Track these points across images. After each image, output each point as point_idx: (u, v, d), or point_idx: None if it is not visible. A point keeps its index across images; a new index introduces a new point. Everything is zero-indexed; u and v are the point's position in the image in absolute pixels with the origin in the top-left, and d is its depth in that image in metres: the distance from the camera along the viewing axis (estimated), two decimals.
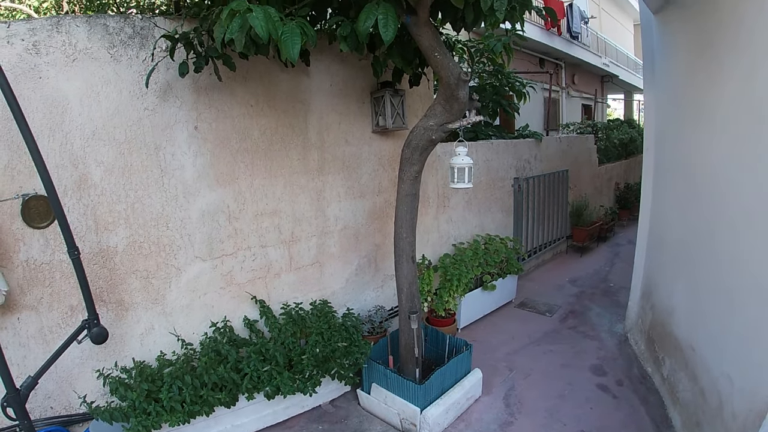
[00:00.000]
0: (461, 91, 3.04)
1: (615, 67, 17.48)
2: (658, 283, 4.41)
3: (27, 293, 2.91)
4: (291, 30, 2.44)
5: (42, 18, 2.93)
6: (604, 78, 18.00)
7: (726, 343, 2.90)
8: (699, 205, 3.48)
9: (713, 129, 3.26)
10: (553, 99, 12.62)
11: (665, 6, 4.30)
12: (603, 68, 16.35)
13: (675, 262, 3.99)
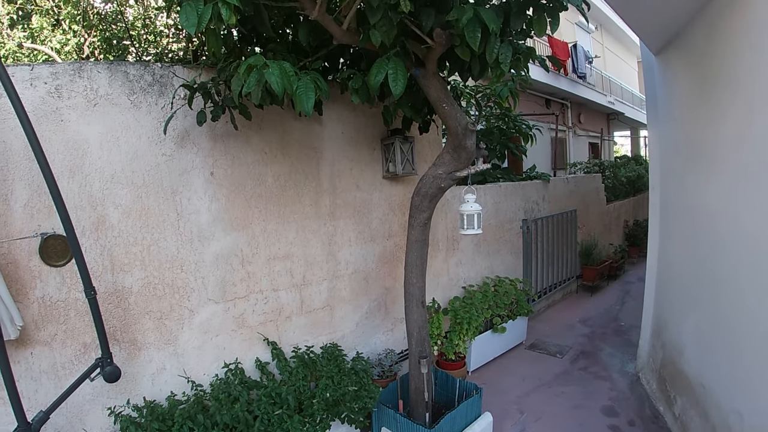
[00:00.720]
0: (469, 141, 3.14)
1: (620, 104, 17.68)
2: (668, 321, 4.41)
3: (41, 329, 2.95)
4: (305, 85, 2.55)
5: (65, 63, 3.04)
6: (610, 116, 18.18)
7: (734, 380, 2.90)
8: (701, 243, 3.53)
9: (713, 169, 3.33)
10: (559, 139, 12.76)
11: (666, 47, 4.42)
12: (608, 106, 16.53)
13: (683, 299, 4.01)
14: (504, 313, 5.54)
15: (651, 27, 4.25)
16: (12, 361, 2.55)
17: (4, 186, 2.79)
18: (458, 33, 2.70)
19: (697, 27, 3.62)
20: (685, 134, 4.03)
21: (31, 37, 4.99)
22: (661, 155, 4.83)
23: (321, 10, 2.76)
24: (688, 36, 3.83)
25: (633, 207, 11.37)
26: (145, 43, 5.47)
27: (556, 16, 3.02)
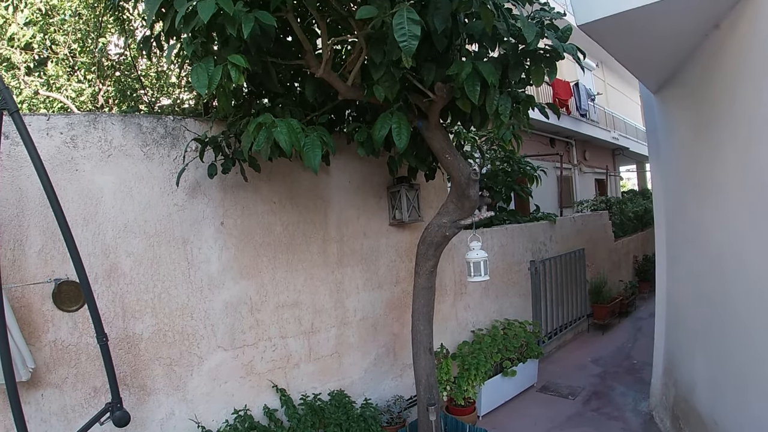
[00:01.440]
0: (472, 190, 3.21)
1: (625, 139, 17.76)
2: (679, 358, 4.37)
3: (52, 372, 2.97)
4: (312, 142, 2.65)
5: (80, 114, 3.18)
6: (615, 151, 18.27)
7: (745, 415, 2.87)
8: (708, 279, 3.54)
9: (716, 204, 3.37)
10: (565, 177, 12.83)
11: (664, 86, 4.52)
12: (613, 142, 16.63)
13: (692, 335, 3.99)
14: (514, 356, 5.50)
15: (647, 69, 4.36)
16: (23, 402, 2.56)
17: (19, 232, 2.86)
18: (458, 86, 2.80)
19: (692, 66, 3.72)
20: (686, 171, 4.09)
21: (47, 84, 5.13)
22: (665, 192, 4.88)
23: (326, 68, 2.88)
24: (684, 75, 3.93)
25: (642, 242, 11.31)
26: (157, 92, 5.64)
27: (553, 66, 3.13)
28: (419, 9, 2.65)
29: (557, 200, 11.56)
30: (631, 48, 3.88)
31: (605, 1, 3.17)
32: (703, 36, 3.40)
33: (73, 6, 4.95)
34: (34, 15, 5.05)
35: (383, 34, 2.69)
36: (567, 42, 3.19)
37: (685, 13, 3.08)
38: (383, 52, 2.78)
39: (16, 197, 2.85)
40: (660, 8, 2.95)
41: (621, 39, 3.64)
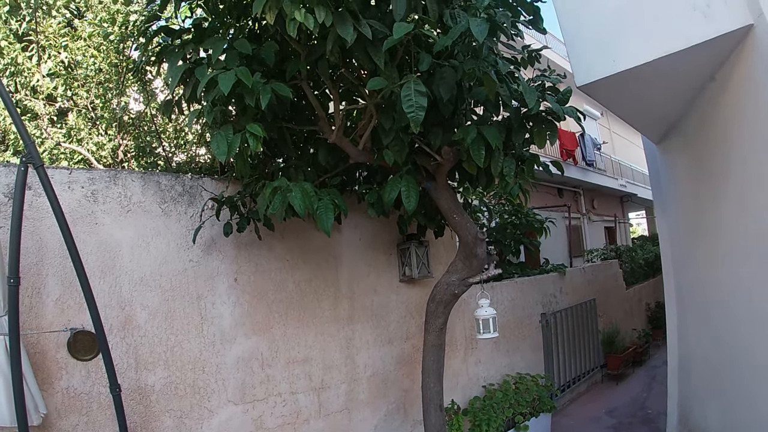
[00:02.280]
0: (479, 249, 3.28)
1: (632, 186, 17.83)
2: (693, 406, 4.31)
3: (63, 418, 2.95)
4: (325, 205, 2.76)
5: (101, 169, 3.30)
6: (623, 198, 18.33)
7: None
8: (717, 325, 3.56)
9: (720, 250, 3.43)
10: (574, 226, 12.87)
11: (665, 137, 4.63)
12: (621, 189, 16.72)
13: (705, 382, 3.96)
14: (526, 411, 5.41)
15: (648, 122, 4.50)
16: None
17: (38, 280, 2.92)
18: (464, 150, 2.92)
19: (691, 117, 3.84)
20: (690, 218, 4.16)
21: (68, 135, 5.30)
22: (671, 240, 4.93)
23: (338, 134, 3.03)
24: (684, 126, 4.05)
25: (654, 289, 11.21)
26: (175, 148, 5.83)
27: (554, 129, 3.25)
28: (425, 77, 2.82)
29: (567, 250, 11.57)
30: (630, 104, 4.03)
31: (602, 63, 3.33)
32: (699, 88, 3.54)
33: (96, 62, 5.18)
34: (57, 67, 5.30)
35: (392, 102, 2.84)
36: (567, 103, 3.33)
37: (681, 68, 3.22)
38: (392, 118, 2.93)
39: (36, 246, 2.93)
40: (655, 66, 3.11)
41: (620, 97, 3.79)
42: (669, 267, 5.00)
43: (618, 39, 3.27)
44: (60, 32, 5.32)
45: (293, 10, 2.39)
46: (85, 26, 5.25)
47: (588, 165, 13.56)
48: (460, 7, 3.00)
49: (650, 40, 3.08)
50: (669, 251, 4.99)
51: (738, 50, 2.95)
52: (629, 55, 3.18)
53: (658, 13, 3.09)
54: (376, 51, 2.62)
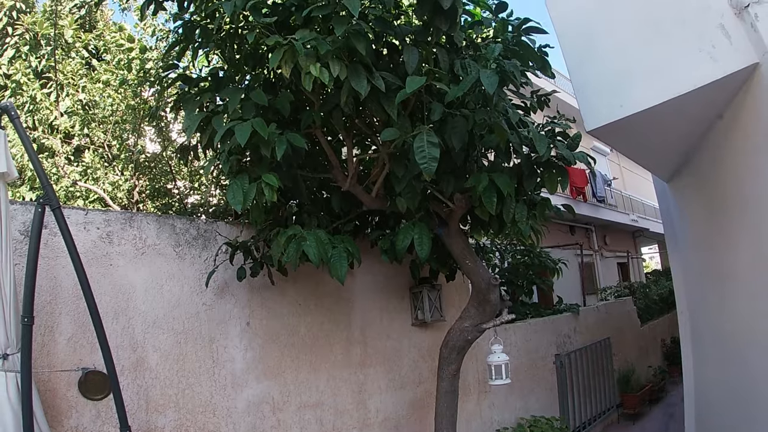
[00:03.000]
0: (492, 295, 3.27)
1: (644, 220, 17.71)
2: None
3: None
4: (339, 253, 2.78)
5: (117, 211, 3.35)
6: (636, 233, 18.18)
7: None
8: (732, 365, 3.49)
9: (733, 289, 3.36)
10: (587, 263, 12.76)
11: (675, 176, 4.62)
12: (632, 224, 16.61)
13: (722, 423, 3.83)
14: None
15: (657, 162, 4.51)
16: None
17: (51, 319, 2.92)
18: (476, 197, 2.95)
19: (700, 156, 3.84)
20: (703, 256, 4.13)
21: (84, 174, 5.39)
22: (684, 278, 4.87)
23: (352, 182, 3.07)
24: (693, 164, 4.05)
25: (668, 324, 10.99)
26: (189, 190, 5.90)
27: (565, 175, 3.28)
28: (437, 126, 2.87)
29: (580, 288, 11.44)
30: (639, 145, 4.05)
31: (610, 108, 3.38)
32: (707, 127, 3.55)
33: (114, 104, 5.32)
34: (75, 106, 5.43)
35: (405, 150, 2.88)
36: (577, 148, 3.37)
37: (688, 109, 3.24)
38: (405, 166, 2.97)
39: (51, 285, 2.94)
40: (662, 109, 3.13)
41: (629, 139, 3.82)
42: (683, 306, 4.93)
43: (625, 83, 3.32)
44: (78, 72, 5.49)
45: (308, 65, 2.47)
46: (102, 71, 5.41)
47: (599, 201, 13.53)
48: (470, 56, 3.08)
49: (657, 84, 3.12)
50: (682, 289, 4.93)
51: (745, 88, 2.97)
52: (637, 99, 3.22)
53: (664, 57, 3.13)
54: (389, 102, 2.68)
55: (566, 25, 3.74)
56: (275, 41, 2.51)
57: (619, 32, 3.47)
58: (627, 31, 3.41)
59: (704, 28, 2.96)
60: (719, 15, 2.90)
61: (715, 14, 2.92)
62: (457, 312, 3.87)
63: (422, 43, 2.98)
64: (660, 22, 3.19)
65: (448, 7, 2.69)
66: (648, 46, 3.25)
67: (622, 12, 3.45)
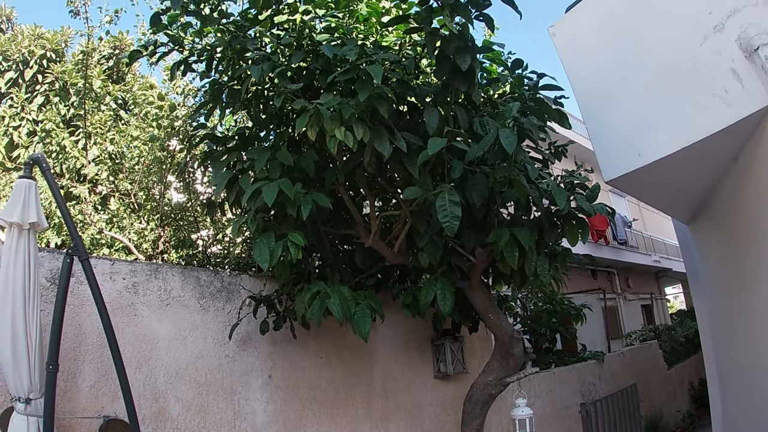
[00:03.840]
0: (516, 348, 3.25)
1: (666, 260, 17.35)
2: None
3: None
4: (362, 310, 2.81)
5: (143, 263, 3.42)
6: (658, 274, 17.83)
7: None
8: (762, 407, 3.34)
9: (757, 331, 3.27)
10: (610, 307, 12.51)
11: (694, 219, 4.58)
12: (655, 265, 16.32)
13: None
14: None
15: (676, 207, 4.50)
16: None
17: (74, 366, 2.94)
18: (498, 251, 2.97)
19: (718, 198, 3.83)
20: (726, 297, 4.07)
21: (110, 222, 5.50)
22: (709, 320, 4.79)
23: (375, 238, 3.13)
24: (711, 207, 4.03)
25: (696, 365, 10.61)
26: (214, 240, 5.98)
27: (585, 226, 3.30)
28: (458, 182, 2.92)
29: (604, 333, 11.21)
30: (657, 191, 4.06)
31: (627, 158, 3.42)
32: (723, 171, 3.55)
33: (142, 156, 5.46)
34: (102, 155, 5.59)
35: (427, 207, 2.93)
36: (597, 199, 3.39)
37: (704, 154, 3.24)
38: (427, 222, 3.02)
39: (75, 332, 2.98)
40: (679, 156, 3.15)
41: (647, 186, 3.84)
42: (709, 348, 4.82)
43: (641, 133, 3.36)
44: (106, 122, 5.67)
45: (333, 129, 2.56)
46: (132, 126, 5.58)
47: (620, 244, 13.38)
48: (488, 114, 3.16)
49: (673, 132, 3.16)
50: (707, 331, 4.83)
51: (759, 130, 2.97)
52: (653, 147, 3.26)
53: (678, 104, 3.18)
54: (411, 162, 2.75)
55: (580, 78, 3.83)
56: (302, 105, 2.61)
57: (632, 83, 3.53)
58: (640, 82, 3.46)
59: (716, 73, 2.99)
60: (730, 59, 2.94)
61: (726, 59, 2.95)
62: (480, 363, 3.84)
63: (441, 103, 3.07)
64: (672, 70, 3.24)
65: (467, 69, 2.79)
66: (662, 94, 3.31)
67: (635, 63, 3.52)
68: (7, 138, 6.09)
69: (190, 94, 5.63)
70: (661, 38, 3.37)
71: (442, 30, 2.85)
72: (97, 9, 6.75)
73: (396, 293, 3.61)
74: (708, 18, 3.05)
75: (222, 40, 3.32)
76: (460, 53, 2.81)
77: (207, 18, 3.16)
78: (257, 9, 3.32)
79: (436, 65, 2.99)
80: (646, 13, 3.45)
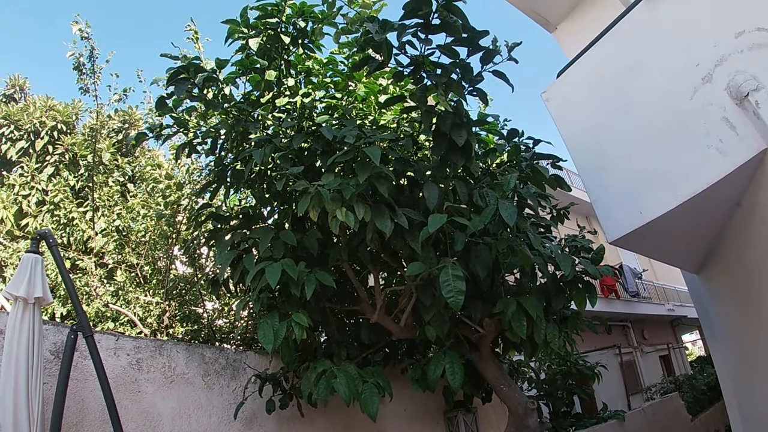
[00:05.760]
0: (530, 419, 3.16)
1: (680, 308, 17.02)
2: None
3: None
4: (370, 389, 2.76)
5: (147, 339, 3.35)
6: (674, 322, 17.46)
7: None
8: None
9: None
10: (627, 362, 12.20)
11: (702, 268, 4.50)
12: (669, 314, 16.01)
13: None
14: None
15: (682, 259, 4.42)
16: None
17: None
18: (506, 320, 2.94)
19: (725, 245, 3.76)
20: (741, 344, 3.96)
21: (116, 294, 5.47)
22: (727, 367, 4.62)
23: (380, 314, 3.11)
24: (720, 253, 3.96)
25: (720, 413, 10.18)
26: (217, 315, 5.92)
27: (592, 290, 3.27)
28: (461, 254, 2.93)
29: (623, 389, 10.87)
30: (662, 247, 4.01)
31: (629, 217, 3.40)
32: (728, 216, 3.50)
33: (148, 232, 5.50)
34: (109, 227, 5.63)
35: (431, 280, 2.92)
36: (602, 261, 3.38)
37: (706, 204, 3.19)
38: (432, 295, 3.00)
39: (78, 407, 2.90)
40: (681, 210, 3.11)
41: (651, 243, 3.80)
42: (731, 396, 4.63)
43: (641, 190, 3.35)
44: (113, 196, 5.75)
45: (335, 209, 2.59)
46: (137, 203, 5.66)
47: (632, 296, 13.18)
48: (488, 184, 3.20)
49: (672, 187, 3.13)
50: (727, 378, 4.66)
51: (759, 173, 2.95)
52: (654, 204, 3.23)
53: (675, 159, 3.17)
54: (413, 237, 2.77)
55: (576, 141, 3.86)
56: (303, 187, 2.65)
57: (627, 141, 3.54)
58: (635, 139, 3.47)
59: (709, 124, 3.00)
60: (722, 109, 2.94)
61: (718, 108, 2.96)
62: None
63: (440, 177, 3.12)
64: (665, 124, 3.26)
65: (463, 144, 2.85)
66: (657, 150, 3.31)
67: (628, 121, 3.53)
68: (17, 206, 6.15)
69: (195, 173, 5.73)
70: (652, 94, 3.39)
71: (437, 107, 2.93)
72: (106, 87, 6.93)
73: (404, 367, 3.54)
74: (696, 70, 3.08)
75: (225, 123, 3.42)
76: (455, 129, 2.87)
77: (210, 102, 3.28)
78: (259, 91, 3.44)
79: (433, 142, 3.06)
80: (635, 71, 3.50)
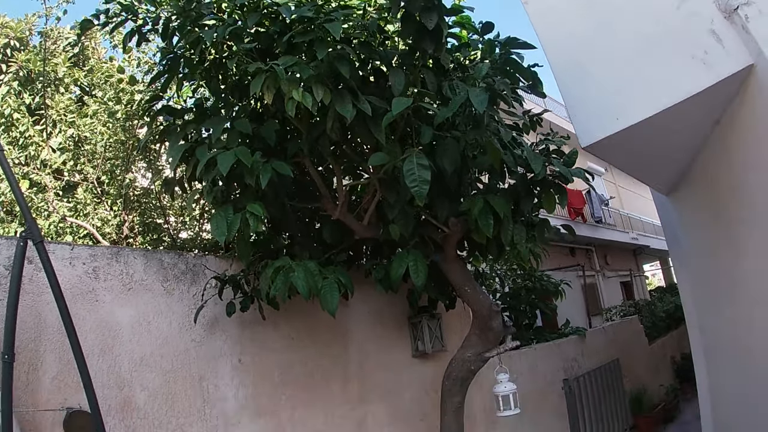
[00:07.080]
0: (495, 322, 3.14)
1: (644, 237, 17.63)
2: None
3: None
4: (329, 285, 2.67)
5: (103, 246, 3.24)
6: (636, 251, 18.08)
7: None
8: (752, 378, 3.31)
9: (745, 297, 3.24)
10: (590, 284, 12.61)
11: (674, 189, 4.53)
12: (633, 242, 16.53)
13: None
14: None
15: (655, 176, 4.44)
16: None
17: (35, 357, 2.78)
18: (472, 220, 2.84)
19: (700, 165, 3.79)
20: (710, 267, 4.05)
21: (75, 210, 5.29)
22: (692, 291, 4.78)
23: (342, 210, 2.97)
24: (694, 174, 3.99)
25: (678, 340, 10.84)
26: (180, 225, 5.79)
27: (563, 192, 3.18)
28: (428, 150, 2.78)
29: (584, 310, 11.29)
30: (636, 159, 3.97)
31: (605, 122, 3.32)
32: (705, 135, 3.50)
33: (104, 139, 5.25)
34: (66, 142, 5.37)
35: (396, 176, 2.79)
36: (574, 165, 3.28)
37: (684, 118, 3.18)
38: (396, 192, 2.87)
39: (35, 322, 2.82)
40: (658, 119, 3.07)
41: (625, 153, 3.75)
42: (693, 321, 4.79)
43: (619, 97, 3.27)
44: (69, 108, 5.46)
45: (291, 90, 2.39)
46: (92, 104, 5.38)
47: (597, 222, 13.46)
48: (458, 78, 3.02)
49: (652, 95, 3.07)
50: (691, 304, 4.80)
51: (741, 91, 2.92)
52: (632, 111, 3.17)
53: (657, 67, 3.09)
54: (377, 126, 2.60)
55: (555, 42, 3.70)
56: (257, 67, 2.45)
57: (610, 46, 3.43)
58: (618, 45, 3.37)
59: (695, 34, 2.93)
60: (709, 20, 2.88)
61: (705, 20, 2.89)
62: (459, 341, 3.71)
63: (409, 66, 2.92)
64: (650, 34, 3.16)
65: (433, 28, 2.64)
66: (640, 59, 3.21)
67: (612, 29, 3.42)
68: None
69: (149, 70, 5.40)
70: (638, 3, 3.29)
71: None
72: None
73: (368, 269, 3.46)
74: None
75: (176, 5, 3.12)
76: (426, 12, 2.66)
77: None
78: None
79: (402, 25, 2.84)
80: None
